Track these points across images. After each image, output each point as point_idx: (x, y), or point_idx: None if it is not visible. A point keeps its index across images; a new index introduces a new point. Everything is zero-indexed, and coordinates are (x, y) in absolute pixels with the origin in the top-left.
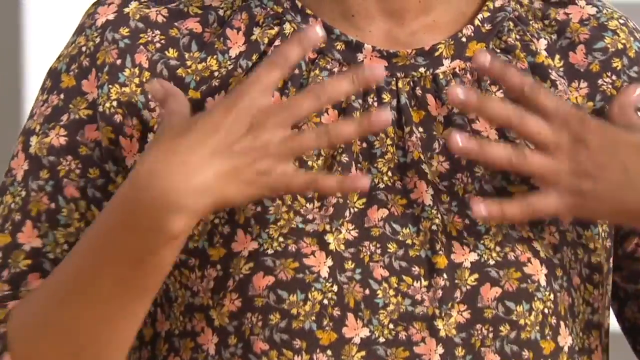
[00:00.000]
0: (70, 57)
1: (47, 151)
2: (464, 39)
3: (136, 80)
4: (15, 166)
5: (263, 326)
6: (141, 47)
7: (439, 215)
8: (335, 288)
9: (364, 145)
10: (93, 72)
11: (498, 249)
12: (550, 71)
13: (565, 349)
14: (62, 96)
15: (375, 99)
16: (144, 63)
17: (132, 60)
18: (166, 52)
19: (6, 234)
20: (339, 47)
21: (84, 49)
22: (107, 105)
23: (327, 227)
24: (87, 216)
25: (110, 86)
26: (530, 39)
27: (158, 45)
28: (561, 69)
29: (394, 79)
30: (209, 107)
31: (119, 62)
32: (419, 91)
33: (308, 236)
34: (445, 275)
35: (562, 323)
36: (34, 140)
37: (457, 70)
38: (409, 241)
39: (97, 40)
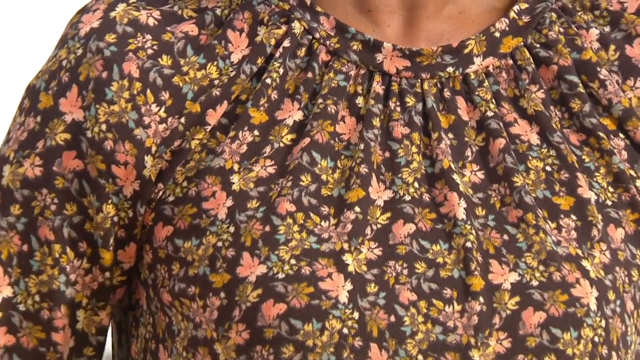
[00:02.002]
0: (50, 73)
1: (20, 183)
2: (497, 34)
3: (125, 94)
4: None
5: None
6: (130, 54)
7: (474, 231)
8: (356, 315)
9: (387, 154)
10: (74, 89)
11: (542, 268)
12: (599, 69)
13: None
14: (38, 119)
15: (397, 103)
16: (134, 72)
17: (120, 70)
18: (159, 59)
19: None
20: (355, 47)
21: (64, 63)
22: (96, 130)
23: (345, 246)
24: (60, 262)
25: (97, 106)
26: (575, 32)
27: (150, 51)
28: (616, 63)
29: (419, 80)
30: None
31: (104, 74)
32: (447, 93)
33: (324, 257)
34: (481, 299)
35: (614, 354)
36: (7, 170)
37: (490, 69)
38: (439, 260)
39: (80, 52)
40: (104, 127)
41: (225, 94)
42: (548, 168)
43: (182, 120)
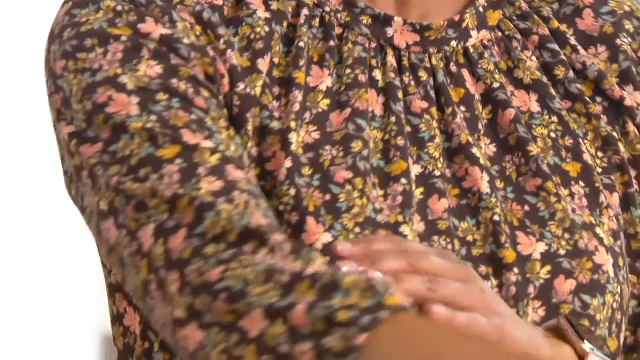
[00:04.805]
0: (110, 12)
1: (148, 80)
2: (481, 9)
3: (191, 32)
4: (119, 107)
5: None
6: (179, 6)
7: (499, 204)
8: None
9: (409, 129)
10: (149, 20)
11: (567, 236)
12: (568, 36)
13: (623, 347)
14: (124, 38)
15: (411, 77)
16: (189, 19)
17: (180, 16)
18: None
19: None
20: (365, 22)
21: (119, 8)
22: (193, 38)
23: (400, 218)
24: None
25: (180, 23)
26: (538, 5)
27: (192, 2)
28: (573, 38)
29: (427, 55)
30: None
31: (166, 18)
32: (453, 67)
33: (382, 229)
34: (516, 270)
35: (624, 320)
36: (125, 79)
37: (485, 42)
38: (469, 238)
39: (129, 6)
40: (195, 36)
41: (268, 46)
42: (553, 135)
43: (239, 68)
